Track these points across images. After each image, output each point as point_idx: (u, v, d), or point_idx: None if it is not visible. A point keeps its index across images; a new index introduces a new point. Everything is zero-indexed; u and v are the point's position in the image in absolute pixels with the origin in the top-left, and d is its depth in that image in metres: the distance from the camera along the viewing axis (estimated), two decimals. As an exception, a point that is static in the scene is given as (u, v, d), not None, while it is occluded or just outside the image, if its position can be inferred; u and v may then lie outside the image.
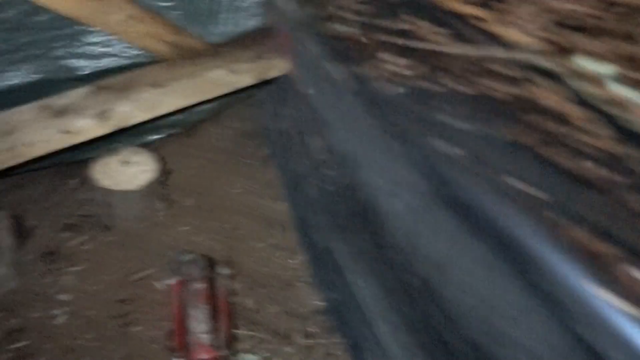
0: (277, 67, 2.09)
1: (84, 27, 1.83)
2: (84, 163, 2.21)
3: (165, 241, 1.96)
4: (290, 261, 1.93)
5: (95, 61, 1.92)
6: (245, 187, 2.16)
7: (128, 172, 1.88)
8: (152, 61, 2.01)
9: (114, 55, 1.94)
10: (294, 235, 2.00)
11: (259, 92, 2.39)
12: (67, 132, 1.76)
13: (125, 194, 1.87)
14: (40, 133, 1.76)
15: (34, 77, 1.84)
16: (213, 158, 2.27)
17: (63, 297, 1.79)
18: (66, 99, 1.86)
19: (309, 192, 1.23)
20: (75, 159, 2.16)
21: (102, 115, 1.81)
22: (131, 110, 1.88)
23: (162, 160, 2.13)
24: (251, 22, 2.09)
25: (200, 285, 1.60)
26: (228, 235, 1.99)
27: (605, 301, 0.48)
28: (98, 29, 1.83)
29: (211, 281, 1.67)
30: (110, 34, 1.86)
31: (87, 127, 1.81)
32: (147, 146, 2.24)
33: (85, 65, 1.91)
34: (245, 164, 2.25)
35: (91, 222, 2.03)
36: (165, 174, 2.02)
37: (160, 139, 2.30)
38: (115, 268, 1.88)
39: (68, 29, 1.83)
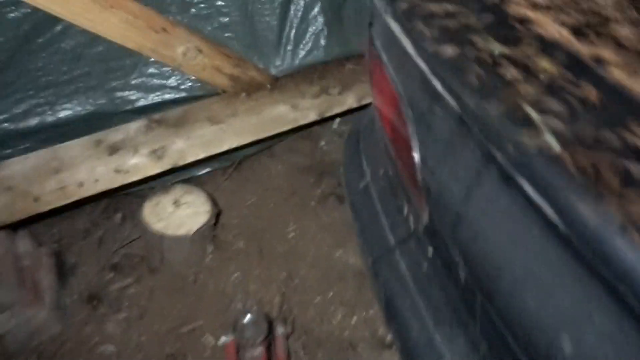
0: (342, 103, 1.97)
1: (139, 58, 1.73)
2: (129, 195, 2.12)
3: (216, 288, 1.84)
4: (351, 319, 1.78)
5: (150, 94, 1.82)
6: (301, 229, 2.02)
7: (179, 215, 1.77)
8: (209, 94, 1.91)
9: (170, 87, 1.84)
10: (353, 288, 1.85)
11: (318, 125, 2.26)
12: (119, 170, 1.66)
13: (175, 237, 1.75)
14: (91, 171, 1.66)
15: (87, 109, 1.75)
16: (266, 196, 2.14)
17: (107, 348, 1.67)
18: (119, 134, 1.76)
19: (397, 264, 1.08)
20: (120, 190, 2.06)
21: (156, 153, 1.71)
22: (186, 147, 1.77)
23: (212, 197, 2.01)
24: (316, 55, 1.97)
25: (258, 349, 1.46)
26: (282, 286, 1.85)
27: None
28: (154, 60, 1.73)
29: (269, 343, 1.53)
30: (168, 66, 1.75)
31: (140, 166, 1.71)
32: (196, 180, 2.14)
33: (140, 98, 1.81)
34: (301, 203, 2.12)
35: (136, 263, 1.93)
36: (215, 213, 1.90)
37: (210, 172, 2.19)
38: (162, 317, 1.76)
39: (124, 61, 1.74)
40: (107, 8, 1.47)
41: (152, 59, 1.75)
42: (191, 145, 1.77)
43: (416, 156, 0.91)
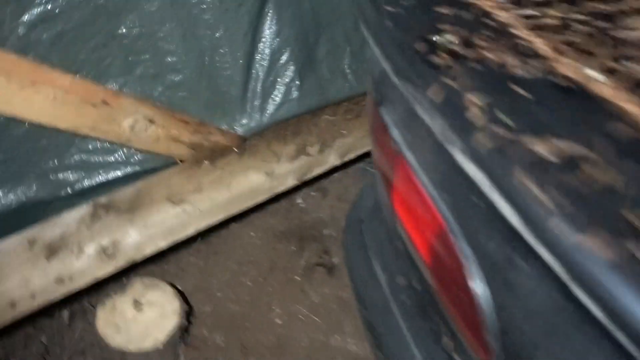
0: (323, 163, 1.72)
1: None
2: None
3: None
4: None
5: (93, 172, 1.52)
6: (288, 313, 1.76)
7: (142, 321, 1.47)
8: (166, 164, 1.61)
9: (117, 162, 1.54)
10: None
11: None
12: (61, 279, 1.35)
13: (139, 352, 1.44)
14: (25, 285, 1.35)
15: (15, 200, 1.43)
16: (241, 272, 1.87)
17: None
18: (57, 229, 1.46)
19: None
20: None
21: (106, 251, 1.40)
22: (144, 239, 1.48)
23: (178, 288, 1.71)
24: (287, 109, 1.71)
25: None
26: (274, 389, 1.57)
27: None
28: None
29: None
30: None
31: (87, 269, 1.41)
32: (156, 259, 1.83)
33: (81, 179, 1.50)
34: (284, 279, 1.85)
35: (92, 378, 1.60)
36: (186, 311, 1.60)
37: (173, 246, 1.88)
38: None
39: (57, 137, 1.43)
40: (27, 86, 1.17)
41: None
42: (149, 235, 1.48)
43: (484, 312, 0.66)
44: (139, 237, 1.46)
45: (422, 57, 0.60)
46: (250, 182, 1.61)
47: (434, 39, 0.62)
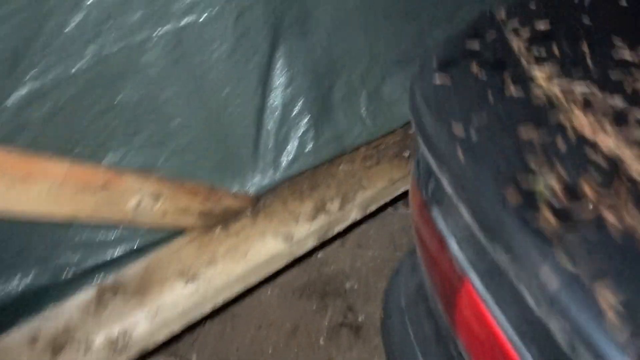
0: (344, 219, 1.59)
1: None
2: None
3: None
4: None
5: (97, 251, 1.40)
6: (316, 382, 1.63)
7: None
8: (175, 234, 1.49)
9: (122, 238, 1.41)
10: None
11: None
12: (69, 381, 1.22)
13: None
14: (28, 391, 1.21)
15: (13, 290, 1.30)
16: (261, 336, 1.74)
17: None
18: (60, 320, 1.34)
19: None
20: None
21: (115, 343, 1.28)
22: (155, 326, 1.36)
23: (196, 348, 1.60)
24: (302, 162, 1.59)
25: None
26: None
27: None
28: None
29: None
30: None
31: (96, 366, 1.27)
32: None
33: (84, 259, 1.38)
34: (307, 342, 1.73)
35: None
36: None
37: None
38: None
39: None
40: (18, 181, 1.05)
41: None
42: (161, 320, 1.36)
43: None
44: (150, 324, 1.34)
45: (518, 216, 0.47)
46: (268, 248, 1.48)
47: (530, 185, 0.50)
